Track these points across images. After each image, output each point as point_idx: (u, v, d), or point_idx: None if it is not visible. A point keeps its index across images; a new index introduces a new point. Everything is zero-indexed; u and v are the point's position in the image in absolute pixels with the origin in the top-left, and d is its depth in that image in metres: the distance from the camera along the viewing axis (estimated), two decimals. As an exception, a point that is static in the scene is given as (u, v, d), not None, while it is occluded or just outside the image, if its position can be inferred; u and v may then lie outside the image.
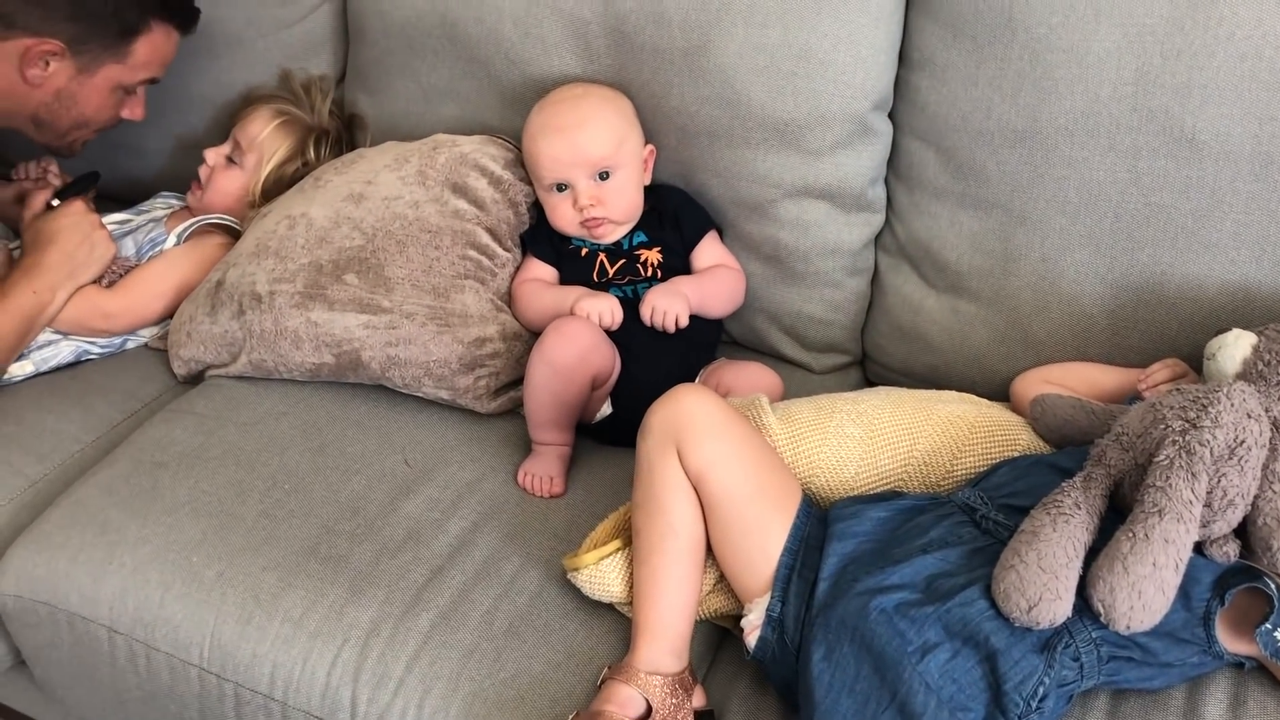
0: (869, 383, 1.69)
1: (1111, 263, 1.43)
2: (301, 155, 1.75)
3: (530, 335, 1.56)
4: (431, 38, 1.69)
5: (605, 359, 1.46)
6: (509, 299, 1.59)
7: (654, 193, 1.61)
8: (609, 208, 1.54)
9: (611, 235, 1.57)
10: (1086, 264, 1.45)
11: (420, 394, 1.54)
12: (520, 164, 1.64)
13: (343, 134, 1.80)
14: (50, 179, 1.79)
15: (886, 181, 1.60)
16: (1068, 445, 1.32)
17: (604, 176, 1.54)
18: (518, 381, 1.56)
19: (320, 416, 1.54)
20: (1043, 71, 1.40)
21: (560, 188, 1.55)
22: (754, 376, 1.49)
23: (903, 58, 1.53)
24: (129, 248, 1.76)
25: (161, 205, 1.88)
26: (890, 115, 1.57)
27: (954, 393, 1.43)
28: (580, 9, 1.58)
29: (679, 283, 1.52)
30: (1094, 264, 1.44)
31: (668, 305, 1.46)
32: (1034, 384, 1.45)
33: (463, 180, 1.60)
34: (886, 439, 1.32)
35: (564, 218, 1.56)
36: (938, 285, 1.57)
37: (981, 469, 1.32)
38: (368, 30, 1.77)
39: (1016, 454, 1.34)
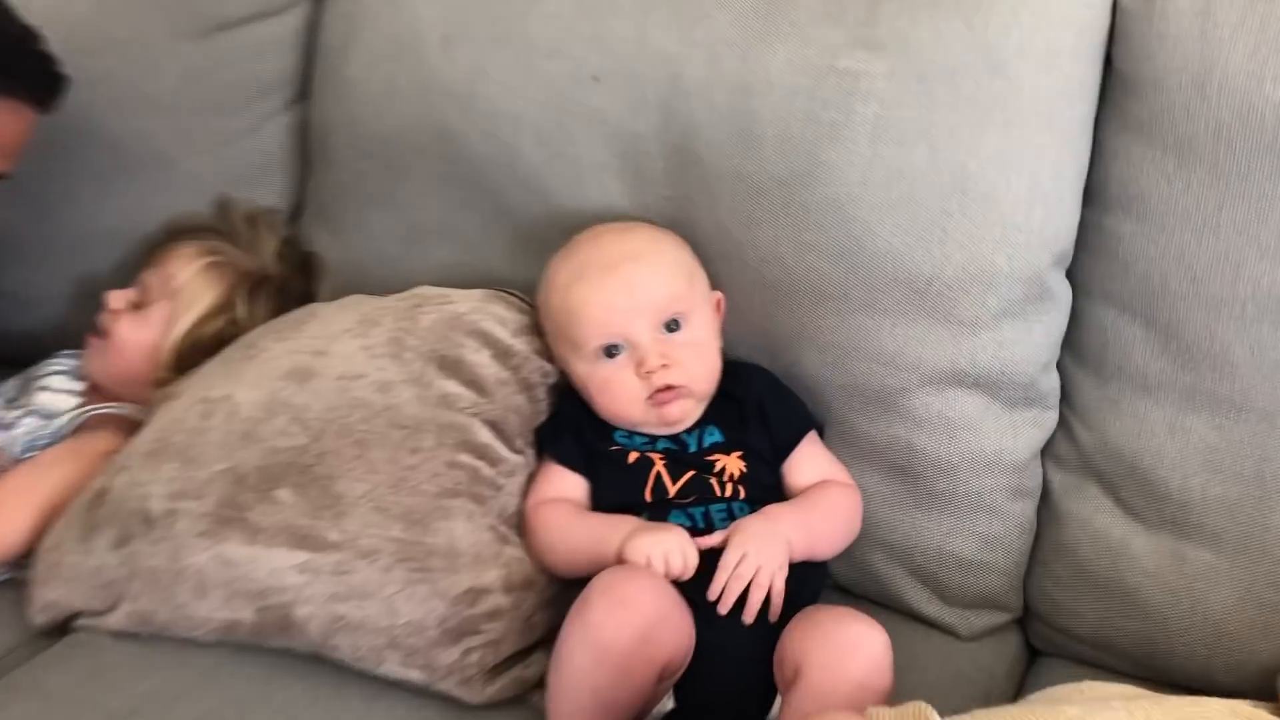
0: (1032, 651, 1.18)
1: None
2: (230, 309, 1.27)
3: (550, 583, 1.06)
4: (423, 158, 1.23)
5: (679, 636, 0.96)
6: (519, 526, 1.10)
7: (729, 375, 1.13)
8: (686, 370, 1.07)
9: (686, 418, 1.10)
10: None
11: (380, 672, 1.03)
12: (537, 330, 1.16)
13: (291, 285, 1.33)
14: None
15: (1061, 366, 1.12)
16: None
17: (672, 328, 1.07)
18: (526, 652, 1.05)
19: (229, 704, 1.03)
20: (1329, 212, 0.94)
21: (612, 351, 1.07)
22: (841, 641, 0.94)
23: (1089, 194, 1.07)
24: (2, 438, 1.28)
25: (58, 368, 1.38)
26: (1068, 274, 1.10)
27: (1220, 702, 0.92)
28: (632, 121, 1.13)
29: (778, 516, 1.03)
30: None
31: (765, 556, 0.98)
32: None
33: (455, 352, 1.11)
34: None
35: (624, 394, 1.08)
36: (1148, 518, 1.07)
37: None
38: (334, 147, 1.31)
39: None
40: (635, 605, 0.93)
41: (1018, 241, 1.03)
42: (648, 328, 1.06)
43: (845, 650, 0.93)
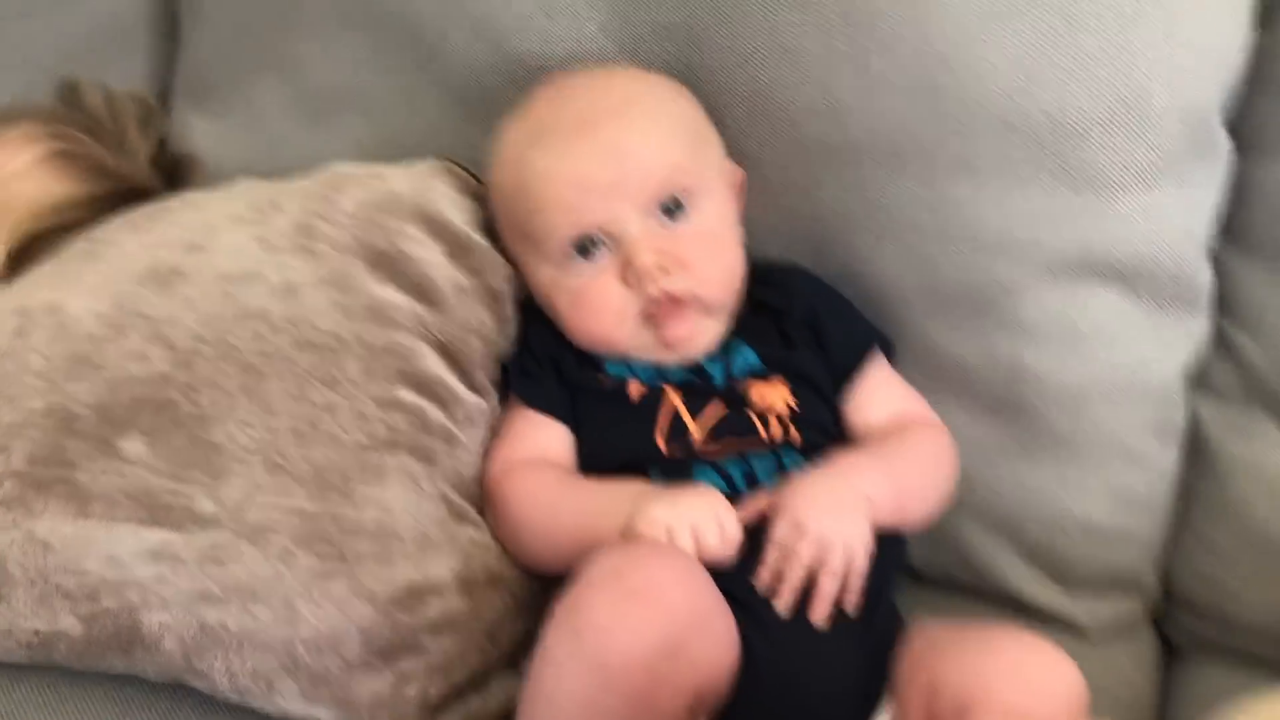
0: (1168, 649, 0.88)
1: None
2: (82, 215, 0.90)
3: (521, 579, 0.74)
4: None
5: (720, 651, 0.64)
6: (481, 497, 0.77)
7: (762, 280, 0.81)
8: (696, 272, 0.75)
9: (700, 339, 0.77)
10: None
11: (271, 708, 0.69)
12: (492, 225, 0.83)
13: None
14: None
15: (1216, 261, 0.83)
16: None
17: (673, 212, 0.75)
18: (485, 677, 0.72)
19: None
20: None
21: (586, 248, 0.75)
22: (1036, 678, 0.65)
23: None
24: None
25: None
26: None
27: None
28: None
29: (851, 469, 0.72)
30: None
31: (836, 526, 0.68)
32: None
33: (393, 244, 0.78)
34: None
35: (606, 310, 0.76)
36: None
37: None
38: (208, 3, 0.97)
39: None
40: (658, 599, 0.61)
41: (1183, 64, 0.74)
42: (638, 212, 0.74)
43: (1042, 692, 0.63)
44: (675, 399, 0.76)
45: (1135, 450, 0.81)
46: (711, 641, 0.63)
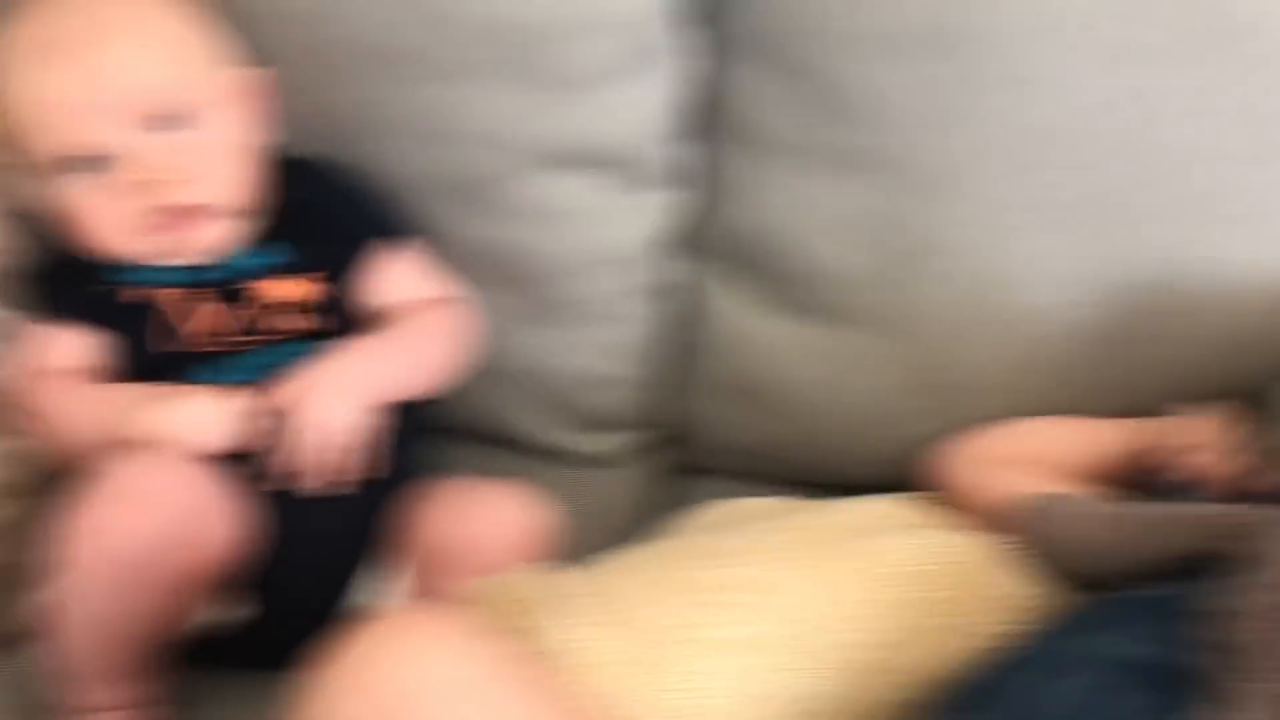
0: (681, 472, 1.03)
1: (1094, 249, 0.85)
2: None
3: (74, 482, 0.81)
4: None
5: (225, 530, 0.74)
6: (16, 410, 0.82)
7: (292, 177, 0.87)
8: (198, 181, 0.81)
9: (206, 244, 0.83)
10: (1051, 253, 0.85)
11: None
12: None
13: None
14: None
15: (701, 141, 0.94)
16: (1090, 589, 0.72)
17: (172, 125, 0.80)
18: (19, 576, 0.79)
19: None
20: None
21: (82, 165, 0.79)
22: (483, 521, 0.81)
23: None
24: None
25: None
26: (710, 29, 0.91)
27: (873, 505, 0.80)
28: None
29: (343, 356, 0.81)
30: (1064, 252, 0.85)
31: (330, 410, 0.77)
32: (980, 468, 0.85)
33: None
34: (799, 644, 0.67)
35: (107, 220, 0.80)
36: (794, 304, 0.93)
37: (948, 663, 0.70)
38: None
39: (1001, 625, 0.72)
40: (151, 502, 0.70)
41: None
42: (130, 130, 0.78)
43: (505, 534, 0.80)
44: (188, 301, 0.81)
45: (615, 311, 0.95)
46: (212, 528, 0.73)
